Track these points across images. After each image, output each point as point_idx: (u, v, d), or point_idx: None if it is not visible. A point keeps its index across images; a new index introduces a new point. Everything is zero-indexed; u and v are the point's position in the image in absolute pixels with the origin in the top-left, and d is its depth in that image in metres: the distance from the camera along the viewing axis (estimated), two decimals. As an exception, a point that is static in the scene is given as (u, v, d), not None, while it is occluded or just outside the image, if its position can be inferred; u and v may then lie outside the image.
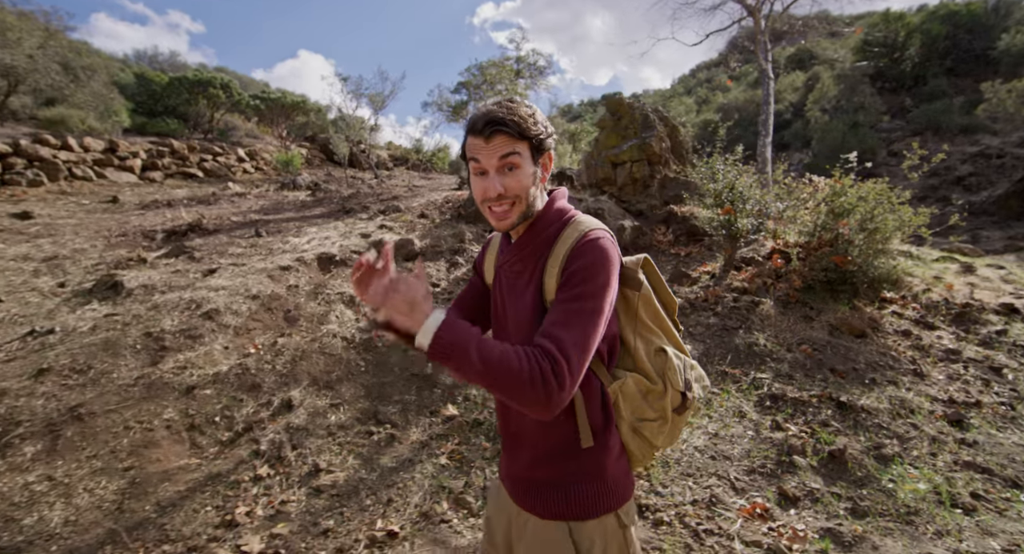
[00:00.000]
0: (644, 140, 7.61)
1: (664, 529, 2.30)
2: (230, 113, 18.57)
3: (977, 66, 28.65)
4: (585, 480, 0.98)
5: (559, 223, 1.00)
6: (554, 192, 1.05)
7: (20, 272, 5.33)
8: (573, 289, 0.89)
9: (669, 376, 1.00)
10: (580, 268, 0.91)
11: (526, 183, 0.95)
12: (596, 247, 0.93)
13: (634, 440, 1.03)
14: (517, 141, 0.92)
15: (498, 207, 0.95)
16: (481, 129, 0.91)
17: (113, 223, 8.71)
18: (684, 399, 1.02)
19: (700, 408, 1.15)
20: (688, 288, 5.38)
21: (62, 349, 3.58)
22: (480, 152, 0.93)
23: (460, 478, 2.72)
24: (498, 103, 0.94)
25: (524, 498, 1.03)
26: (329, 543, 2.25)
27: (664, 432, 1.03)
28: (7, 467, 2.53)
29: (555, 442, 0.98)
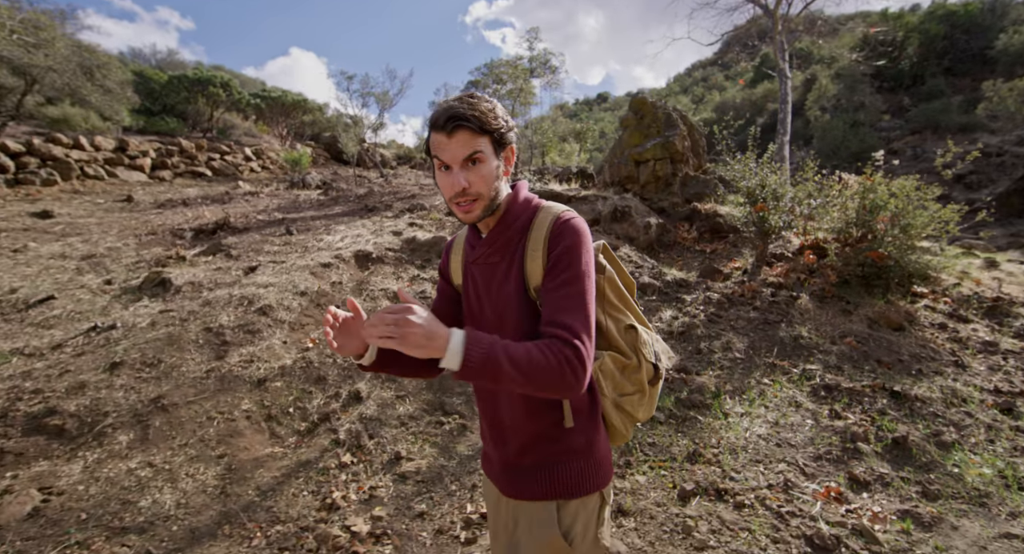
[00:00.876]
0: (667, 139, 7.72)
1: (747, 511, 2.40)
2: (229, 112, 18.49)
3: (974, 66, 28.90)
4: (573, 459, 1.01)
5: (529, 211, 1.03)
6: (517, 184, 1.08)
7: (63, 270, 5.39)
8: (564, 273, 0.92)
9: (641, 350, 1.05)
10: (565, 251, 0.94)
11: (489, 177, 0.96)
12: (573, 228, 0.96)
13: (617, 415, 1.08)
14: (479, 136, 0.93)
15: (463, 201, 0.96)
16: (443, 124, 0.92)
17: (136, 222, 8.74)
18: (656, 370, 1.08)
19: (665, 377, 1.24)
20: (721, 283, 5.48)
21: (127, 344, 3.65)
22: (443, 148, 0.93)
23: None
24: (459, 99, 0.95)
25: (515, 485, 1.04)
26: (427, 525, 2.34)
27: (644, 404, 1.09)
28: (107, 454, 2.61)
29: (543, 426, 1.01)
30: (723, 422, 3.22)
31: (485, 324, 1.04)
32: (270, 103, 20.28)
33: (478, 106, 0.93)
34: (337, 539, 2.15)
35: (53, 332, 3.91)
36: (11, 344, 3.67)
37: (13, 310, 4.25)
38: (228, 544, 2.13)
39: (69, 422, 2.83)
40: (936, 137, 26.28)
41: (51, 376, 3.24)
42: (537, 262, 0.97)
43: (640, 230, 6.89)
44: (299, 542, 2.15)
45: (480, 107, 0.93)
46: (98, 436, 2.75)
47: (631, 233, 6.85)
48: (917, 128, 26.92)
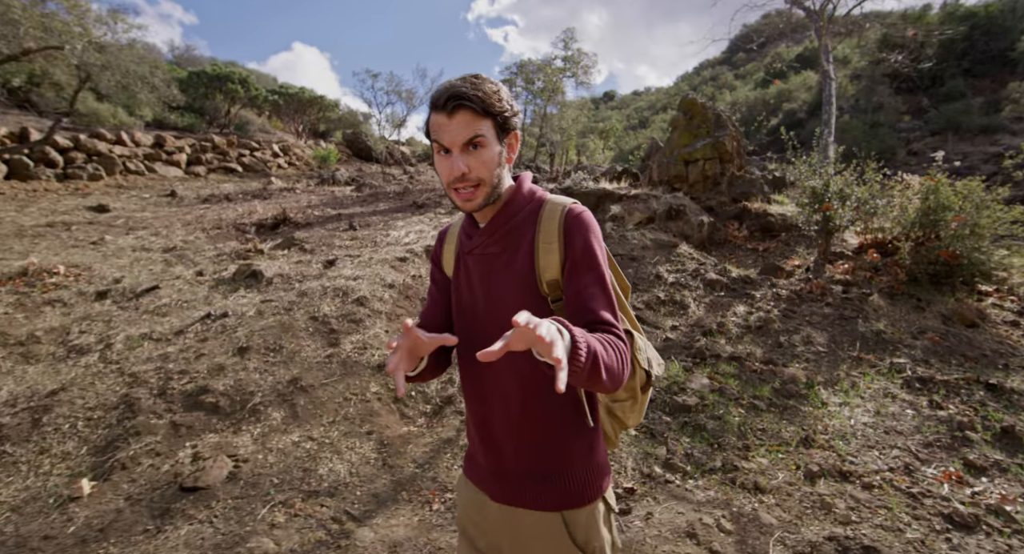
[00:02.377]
0: (717, 139, 7.85)
1: (877, 491, 2.55)
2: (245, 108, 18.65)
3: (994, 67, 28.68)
4: (576, 466, 0.96)
5: (533, 202, 0.98)
6: (520, 175, 1.04)
7: (152, 262, 5.61)
8: (593, 269, 0.91)
9: (637, 356, 1.00)
10: (587, 246, 0.92)
11: (491, 163, 0.91)
12: (587, 221, 0.94)
13: (608, 420, 1.06)
14: (481, 118, 0.87)
15: (463, 188, 0.90)
16: (443, 104, 0.86)
17: (191, 217, 8.97)
18: (649, 377, 1.04)
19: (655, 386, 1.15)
20: (785, 280, 5.61)
21: (245, 331, 3.85)
22: (443, 129, 0.88)
23: (659, 447, 2.97)
24: (462, 78, 0.90)
25: (510, 491, 0.98)
26: None
27: (634, 410, 1.05)
28: (268, 429, 2.81)
29: (560, 431, 0.96)
30: (824, 411, 3.36)
31: (478, 316, 0.99)
32: (288, 99, 20.48)
33: (481, 86, 0.88)
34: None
35: (170, 319, 4.12)
36: (137, 330, 3.88)
37: (124, 299, 4.47)
38: (411, 508, 2.31)
39: (221, 400, 3.03)
40: (957, 138, 26.14)
41: (189, 359, 3.45)
42: (553, 255, 0.92)
43: (695, 228, 7.03)
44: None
45: (484, 88, 0.88)
46: (253, 412, 2.94)
47: (686, 231, 6.99)
48: (937, 129, 26.78)
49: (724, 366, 3.95)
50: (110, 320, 4.03)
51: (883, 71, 28.31)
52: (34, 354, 3.51)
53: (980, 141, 25.54)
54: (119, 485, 2.36)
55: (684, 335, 4.49)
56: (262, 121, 20.07)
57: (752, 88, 48.05)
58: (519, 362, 0.92)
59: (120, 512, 2.19)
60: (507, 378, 0.95)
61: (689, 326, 4.67)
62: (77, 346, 3.63)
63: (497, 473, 0.99)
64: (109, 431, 2.75)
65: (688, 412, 3.31)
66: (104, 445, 2.66)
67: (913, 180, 5.79)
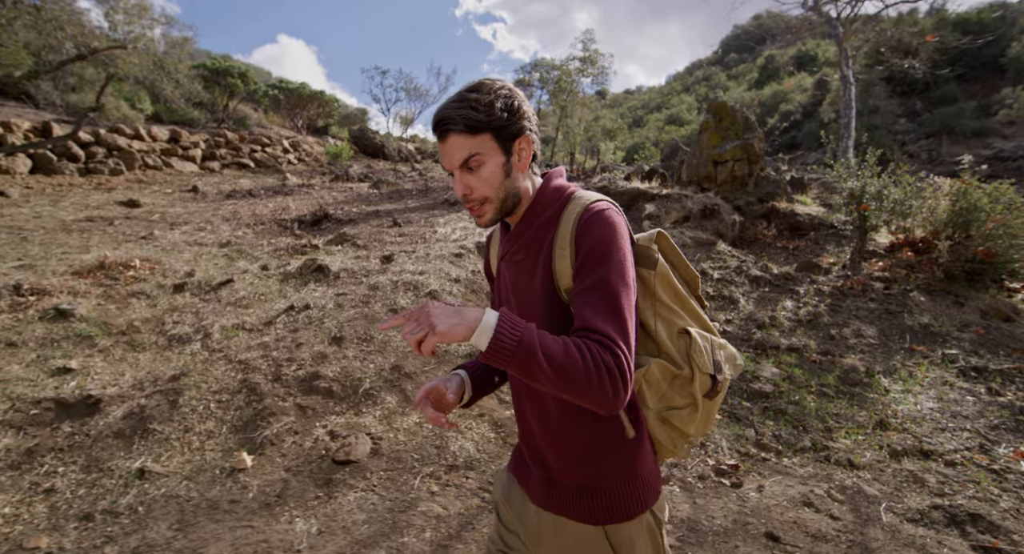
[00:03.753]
0: (746, 141, 8.10)
1: (960, 468, 2.79)
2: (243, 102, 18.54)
3: (986, 72, 29.37)
4: (618, 479, 0.91)
5: (559, 202, 0.93)
6: (551, 172, 0.99)
7: (213, 256, 5.74)
8: (594, 272, 0.82)
9: (695, 359, 0.90)
10: (594, 246, 0.83)
11: (494, 179, 0.88)
12: (603, 219, 0.85)
13: (662, 429, 0.95)
14: (472, 137, 0.85)
15: (471, 206, 0.91)
16: (435, 130, 0.86)
17: (225, 212, 9.07)
18: (714, 382, 0.92)
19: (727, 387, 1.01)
20: (823, 277, 5.87)
21: (333, 322, 4.02)
22: (442, 153, 0.88)
23: (747, 429, 3.19)
24: (456, 95, 0.87)
25: (553, 500, 0.94)
26: (677, 474, 2.72)
27: (696, 419, 0.94)
28: (388, 411, 2.99)
29: (594, 438, 0.91)
30: (889, 397, 3.60)
31: None
32: (288, 94, 20.40)
33: (471, 102, 0.84)
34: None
35: (254, 311, 4.27)
36: (228, 320, 4.03)
37: (201, 291, 4.61)
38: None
39: (334, 385, 3.21)
40: (951, 141, 26.78)
41: (290, 347, 3.61)
42: (566, 261, 0.86)
43: (728, 227, 7.27)
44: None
45: (473, 104, 0.84)
46: (367, 396, 3.12)
47: (720, 229, 7.23)
48: (931, 132, 27.41)
49: (785, 357, 4.19)
50: (197, 311, 4.18)
51: (880, 74, 28.83)
52: (138, 342, 3.66)
53: (973, 144, 26.15)
54: (273, 459, 2.54)
55: (740, 328, 4.72)
56: (258, 116, 19.95)
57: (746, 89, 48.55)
58: None
59: (287, 482, 2.37)
60: None
61: (742, 320, 4.90)
62: (176, 335, 3.78)
63: (540, 478, 0.97)
64: (241, 412, 2.92)
65: (766, 398, 3.54)
66: (242, 425, 2.82)
67: (944, 182, 6.06)
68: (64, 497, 2.26)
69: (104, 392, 2.98)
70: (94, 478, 2.38)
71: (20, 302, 3.82)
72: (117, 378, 3.19)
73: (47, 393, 2.93)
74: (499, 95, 0.86)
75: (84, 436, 2.66)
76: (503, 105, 0.86)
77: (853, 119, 9.29)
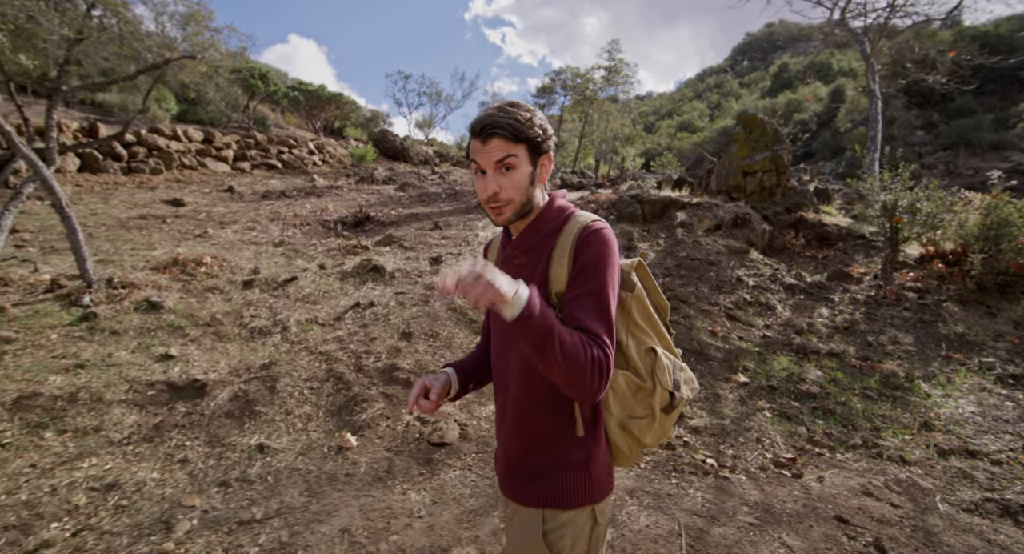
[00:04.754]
0: (776, 152, 8.30)
1: (1007, 466, 2.97)
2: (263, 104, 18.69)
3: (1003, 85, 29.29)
4: (569, 470, 1.00)
5: (560, 219, 1.04)
6: (554, 192, 1.10)
7: (271, 255, 6.04)
8: (589, 281, 0.93)
9: (658, 375, 1.01)
10: (592, 258, 0.95)
11: (521, 183, 0.99)
12: (602, 237, 0.97)
13: (622, 436, 1.04)
14: (513, 144, 0.96)
15: (495, 204, 0.99)
16: (479, 132, 0.96)
17: (266, 212, 9.39)
18: (672, 398, 1.03)
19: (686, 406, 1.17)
20: (855, 286, 6.05)
21: (398, 319, 4.27)
22: (479, 154, 0.97)
23: (799, 427, 3.40)
24: (498, 107, 0.98)
25: (510, 486, 1.06)
26: (739, 464, 2.94)
27: (652, 430, 1.04)
28: (466, 401, 3.23)
29: (548, 431, 1.00)
30: (930, 401, 3.79)
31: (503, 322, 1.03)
32: (307, 96, 20.71)
33: (515, 114, 0.96)
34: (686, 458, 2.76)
35: (321, 307, 4.55)
36: (301, 315, 4.31)
37: (269, 288, 4.89)
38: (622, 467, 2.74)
39: (411, 376, 3.46)
40: (968, 153, 26.73)
41: (364, 341, 3.88)
42: (563, 268, 0.97)
43: (759, 236, 7.47)
44: (671, 462, 2.76)
45: (517, 116, 0.96)
46: (446, 388, 3.37)
47: (751, 238, 7.43)
48: (948, 144, 27.38)
49: (826, 361, 4.38)
50: (270, 306, 4.46)
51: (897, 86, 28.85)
52: (223, 334, 3.94)
53: (991, 157, 26.10)
54: (373, 440, 2.79)
55: (779, 333, 4.92)
56: (275, 117, 20.21)
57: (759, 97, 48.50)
58: (523, 365, 1.01)
59: (391, 460, 2.62)
60: (515, 378, 1.03)
61: (780, 325, 5.10)
62: (256, 328, 4.06)
63: (504, 465, 1.08)
64: (333, 399, 3.18)
65: (814, 399, 3.74)
66: (336, 410, 3.08)
67: (974, 197, 6.23)
68: (198, 466, 2.52)
69: (207, 377, 3.26)
70: (219, 451, 2.65)
71: (115, 294, 4.12)
72: (214, 365, 3.47)
73: (157, 377, 3.21)
74: (536, 114, 1.00)
75: (200, 415, 2.93)
76: (540, 123, 0.99)
77: (879, 133, 9.45)
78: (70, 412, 2.80)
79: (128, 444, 2.65)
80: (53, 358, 3.24)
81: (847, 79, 37.08)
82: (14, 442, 2.54)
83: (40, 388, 2.90)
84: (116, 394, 3.00)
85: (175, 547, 1.96)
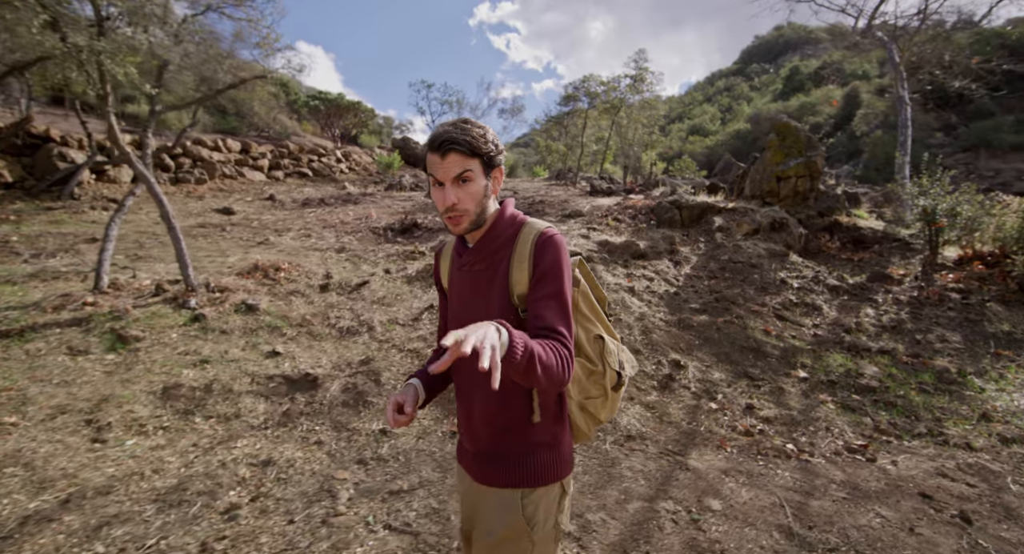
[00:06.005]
0: (810, 158, 8.51)
1: (1066, 451, 3.17)
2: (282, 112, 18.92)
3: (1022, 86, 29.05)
4: (540, 450, 1.09)
5: (514, 226, 1.12)
6: (505, 201, 1.17)
7: (338, 261, 6.39)
8: (551, 284, 1.02)
9: (607, 359, 1.14)
10: (551, 264, 1.04)
11: (477, 195, 1.05)
12: (556, 243, 1.07)
13: (581, 416, 1.17)
14: (469, 158, 1.02)
15: (453, 214, 1.05)
16: (437, 147, 1.02)
17: (312, 219, 9.77)
18: (619, 377, 1.16)
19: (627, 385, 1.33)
20: (896, 287, 6.23)
21: (471, 318, 4.57)
22: (437, 167, 1.03)
23: (864, 418, 3.62)
24: (454, 124, 1.05)
25: (484, 471, 1.12)
26: (816, 450, 3.17)
27: (606, 407, 1.18)
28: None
29: (513, 416, 1.09)
30: (985, 395, 3.98)
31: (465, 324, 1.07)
32: (328, 105, 21.13)
33: (470, 131, 1.03)
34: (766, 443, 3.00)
35: (397, 308, 4.86)
36: (383, 316, 4.62)
37: (344, 291, 5.23)
38: (709, 448, 3.00)
39: (499, 371, 3.74)
40: (988, 154, 26.51)
41: (447, 339, 4.17)
42: (523, 273, 1.05)
43: (796, 239, 7.67)
44: (754, 447, 3.01)
45: (472, 132, 1.03)
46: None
47: (788, 241, 7.63)
48: (968, 146, 27.18)
49: (879, 358, 4.59)
50: (351, 308, 4.78)
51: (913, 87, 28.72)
52: (316, 333, 4.27)
53: (1012, 158, 25.87)
54: (481, 427, 3.08)
55: (829, 332, 5.13)
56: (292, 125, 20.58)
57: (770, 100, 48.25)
58: None
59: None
60: (479, 379, 1.10)
61: (828, 325, 5.31)
62: (344, 328, 4.38)
63: (475, 456, 1.15)
64: (433, 390, 3.47)
65: (873, 392, 3.95)
66: (439, 400, 3.37)
67: (1012, 200, 6.39)
68: (333, 447, 2.83)
69: (316, 371, 3.58)
70: (347, 435, 2.95)
71: (214, 298, 4.47)
72: (317, 361, 3.79)
73: (272, 371, 3.54)
74: (487, 130, 1.06)
75: (319, 404, 3.24)
76: (492, 139, 1.06)
77: (909, 138, 9.60)
78: (209, 401, 3.13)
79: (266, 428, 2.97)
80: (179, 354, 3.58)
81: (861, 81, 36.96)
82: (172, 426, 2.87)
83: (180, 380, 3.24)
84: (242, 386, 3.32)
85: (346, 510, 2.26)
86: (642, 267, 6.59)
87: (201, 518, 2.17)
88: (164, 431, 2.81)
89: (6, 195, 8.58)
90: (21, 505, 2.11)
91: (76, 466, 2.41)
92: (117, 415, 2.82)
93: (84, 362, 3.32)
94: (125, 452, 2.58)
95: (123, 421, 2.80)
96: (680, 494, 2.47)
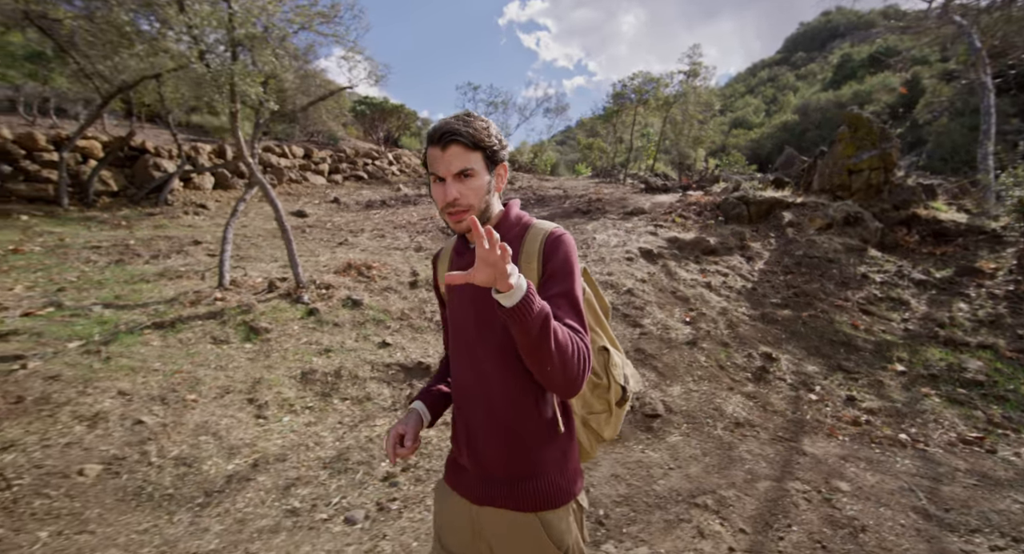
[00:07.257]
0: (884, 150, 8.23)
1: None
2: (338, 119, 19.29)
3: None
4: (550, 471, 1.01)
5: (520, 226, 1.07)
6: (510, 201, 1.11)
7: (418, 259, 6.73)
8: (562, 283, 0.97)
9: (612, 372, 1.08)
10: (561, 263, 0.99)
11: (480, 190, 1.00)
12: (565, 242, 1.01)
13: (584, 432, 1.11)
14: (471, 151, 0.97)
15: (454, 210, 0.99)
16: (438, 139, 0.97)
17: (379, 220, 10.18)
18: (624, 392, 1.09)
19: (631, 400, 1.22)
20: (989, 281, 5.98)
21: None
22: (437, 161, 0.98)
23: (974, 411, 3.56)
24: (456, 116, 1.00)
25: (490, 494, 1.02)
26: (929, 440, 3.16)
27: (610, 423, 1.11)
28: (653, 383, 3.64)
29: (531, 433, 1.01)
30: (1104, 390, 3.82)
31: (468, 328, 1.06)
32: (372, 108, 21.70)
33: (472, 123, 0.99)
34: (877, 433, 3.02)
35: (485, 303, 5.10)
36: (474, 309, 4.87)
37: (432, 288, 5.52)
38: (820, 436, 3.06)
39: (596, 362, 3.91)
40: (1073, 142, 24.48)
41: (541, 331, 4.37)
42: (531, 272, 1.00)
43: (872, 233, 7.46)
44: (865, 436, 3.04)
45: (474, 125, 0.99)
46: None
47: (864, 236, 7.43)
48: (1049, 133, 25.20)
49: (981, 353, 4.46)
50: (442, 303, 5.06)
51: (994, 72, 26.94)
52: (417, 326, 4.56)
53: (1100, 145, 23.79)
54: (593, 412, 3.25)
55: (921, 327, 5.01)
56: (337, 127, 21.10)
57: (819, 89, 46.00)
58: (501, 369, 1.01)
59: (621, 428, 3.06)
60: (491, 383, 1.02)
61: (919, 319, 5.18)
62: (439, 321, 4.65)
63: (480, 477, 1.04)
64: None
65: (981, 386, 3.87)
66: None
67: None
68: (461, 428, 3.07)
69: (427, 360, 3.84)
70: (470, 418, 3.19)
71: (321, 293, 4.85)
72: (424, 351, 4.06)
73: (387, 360, 3.83)
74: (490, 124, 1.02)
75: (437, 390, 3.50)
76: (495, 133, 1.02)
77: (992, 126, 9.09)
78: (340, 385, 3.44)
79: (395, 410, 3.24)
80: (304, 344, 3.94)
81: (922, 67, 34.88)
82: (315, 406, 3.19)
83: (312, 366, 3.57)
84: (365, 372, 3.63)
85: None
86: (714, 263, 6.61)
87: (367, 484, 2.43)
88: (310, 410, 3.13)
89: (113, 203, 9.45)
90: (221, 467, 2.44)
91: (252, 437, 2.74)
92: (270, 395, 3.17)
93: (228, 350, 3.71)
94: (285, 426, 2.91)
95: (276, 400, 3.14)
96: (806, 476, 2.56)
